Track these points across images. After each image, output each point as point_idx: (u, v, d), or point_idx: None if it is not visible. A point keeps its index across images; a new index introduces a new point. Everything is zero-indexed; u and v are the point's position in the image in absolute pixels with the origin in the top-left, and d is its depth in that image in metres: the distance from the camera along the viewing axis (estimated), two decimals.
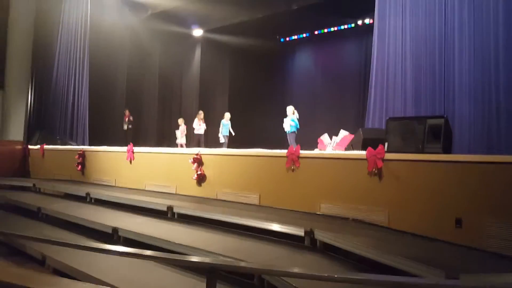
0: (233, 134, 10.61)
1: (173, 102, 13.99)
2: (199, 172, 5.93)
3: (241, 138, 10.90)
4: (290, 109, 9.22)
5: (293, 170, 4.95)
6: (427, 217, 3.72)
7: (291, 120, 8.70)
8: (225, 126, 10.69)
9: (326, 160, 4.75)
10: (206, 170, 5.94)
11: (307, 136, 9.80)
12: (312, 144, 8.25)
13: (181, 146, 11.25)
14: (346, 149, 6.28)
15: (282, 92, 13.82)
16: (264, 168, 5.30)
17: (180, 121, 11.78)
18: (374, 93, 6.38)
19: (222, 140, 10.76)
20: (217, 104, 13.63)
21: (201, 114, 11.25)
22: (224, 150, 6.15)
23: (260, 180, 5.31)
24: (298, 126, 9.24)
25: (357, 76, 12.00)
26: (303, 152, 4.97)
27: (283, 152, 5.14)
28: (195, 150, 6.29)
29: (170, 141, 11.96)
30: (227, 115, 10.88)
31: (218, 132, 10.77)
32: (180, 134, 11.52)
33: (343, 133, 7.35)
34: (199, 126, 10.98)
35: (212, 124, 11.82)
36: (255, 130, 12.44)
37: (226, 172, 5.74)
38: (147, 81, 13.12)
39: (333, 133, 7.94)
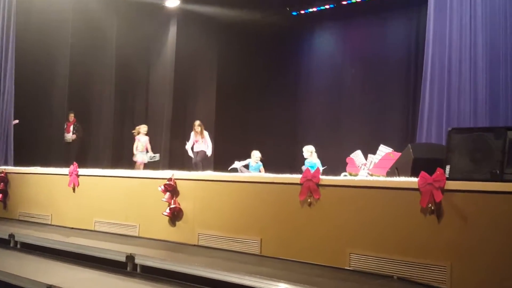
0: (208, 154, 10.73)
1: (137, 101, 14.06)
2: (172, 206, 5.96)
3: (234, 154, 10.94)
4: (308, 150, 9.22)
5: (310, 204, 4.97)
6: (509, 276, 3.70)
7: (309, 166, 8.65)
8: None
9: (358, 189, 4.76)
10: (183, 202, 5.97)
11: (331, 153, 9.82)
12: (338, 165, 8.25)
13: (139, 165, 11.27)
14: (388, 173, 6.28)
15: (293, 87, 13.88)
16: (268, 201, 5.31)
17: (143, 128, 11.80)
18: (430, 91, 6.37)
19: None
20: (199, 103, 13.71)
21: (198, 125, 11.19)
22: (210, 174, 6.17)
23: (262, 218, 5.33)
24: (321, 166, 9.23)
25: (404, 66, 12.00)
26: (325, 178, 4.98)
27: (296, 177, 5.10)
28: (166, 173, 6.35)
29: (132, 162, 12.12)
30: (196, 124, 11.02)
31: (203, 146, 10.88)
32: (140, 148, 11.53)
33: (383, 149, 7.36)
34: (199, 144, 10.93)
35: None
36: (254, 143, 12.48)
37: (212, 205, 5.76)
38: (99, 73, 13.21)
39: (368, 149, 7.95)
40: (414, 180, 4.40)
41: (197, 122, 11.05)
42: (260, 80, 14.00)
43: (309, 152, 9.13)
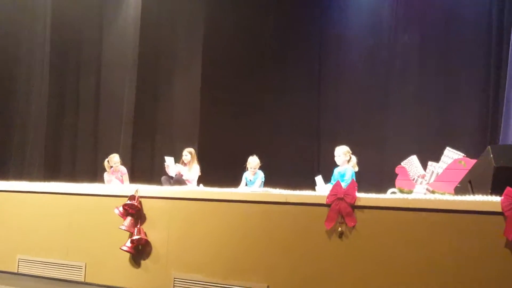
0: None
1: (82, 82, 13.84)
2: (136, 237, 5.98)
3: (224, 161, 11.01)
4: (343, 152, 8.96)
5: (341, 234, 5.07)
6: None
7: (341, 179, 8.54)
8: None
9: (414, 213, 4.78)
10: (152, 231, 6.01)
11: (371, 159, 9.77)
12: (383, 177, 8.23)
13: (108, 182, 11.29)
14: (457, 190, 6.24)
15: (314, 63, 13.65)
16: (278, 230, 5.36)
17: (113, 160, 11.83)
18: None
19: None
20: (176, 87, 13.56)
21: (187, 154, 11.23)
22: (191, 190, 6.20)
23: (269, 255, 5.36)
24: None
25: (482, 32, 11.89)
26: (364, 197, 5.03)
27: (319, 196, 5.22)
28: (127, 188, 6.40)
29: (76, 171, 12.00)
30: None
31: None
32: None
33: (450, 155, 7.34)
34: (184, 175, 10.97)
35: (170, 142, 12.55)
36: (254, 144, 12.37)
37: (195, 236, 5.80)
38: (27, 53, 13.33)
39: (429, 154, 7.91)
40: (496, 199, 4.40)
41: (187, 150, 11.03)
42: (265, 52, 13.89)
43: (345, 156, 8.89)
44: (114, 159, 11.05)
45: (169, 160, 10.44)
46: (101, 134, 13.16)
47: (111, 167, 10.80)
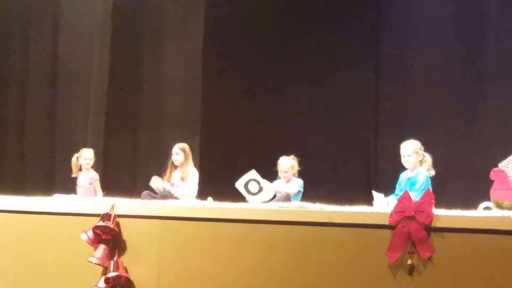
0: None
1: (31, 67, 14.12)
2: (112, 273, 5.97)
3: (242, 165, 10.95)
4: (410, 150, 8.92)
5: (411, 269, 5.08)
6: None
7: (410, 188, 8.50)
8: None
9: None
10: (136, 266, 6.03)
11: (453, 159, 9.78)
12: (471, 184, 8.22)
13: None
14: None
15: (363, 27, 13.85)
16: (318, 263, 5.37)
17: (84, 156, 11.88)
18: None
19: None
20: (167, 68, 13.63)
21: (178, 152, 11.27)
22: (192, 207, 6.20)
23: None
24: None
25: None
26: (445, 214, 5.03)
27: (378, 214, 5.25)
28: (99, 203, 6.45)
29: (26, 181, 12.27)
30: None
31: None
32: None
33: None
34: (176, 186, 11.01)
35: (159, 138, 12.58)
36: (285, 144, 12.41)
37: (196, 273, 5.80)
38: None
39: None
40: None
41: (179, 147, 10.94)
42: (300, 8, 13.98)
43: (417, 155, 8.83)
44: (86, 154, 11.07)
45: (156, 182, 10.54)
46: (60, 129, 13.17)
47: (80, 167, 10.87)
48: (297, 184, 9.25)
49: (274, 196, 8.97)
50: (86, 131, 12.77)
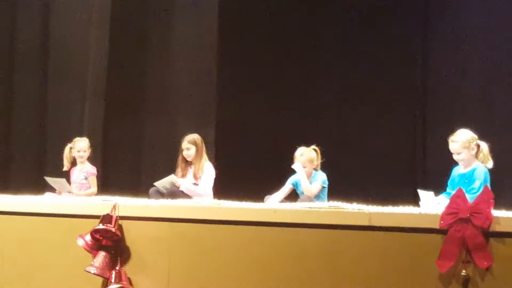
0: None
1: (20, 44, 14.17)
2: (115, 286, 5.85)
3: (263, 159, 11.22)
4: (463, 141, 9.01)
5: (465, 281, 5.21)
6: None
7: (465, 186, 8.54)
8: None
9: None
10: (142, 276, 5.95)
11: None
12: None
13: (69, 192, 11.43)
14: None
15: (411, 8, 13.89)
16: (354, 273, 5.44)
17: (78, 147, 11.96)
18: None
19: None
20: (177, 47, 13.65)
21: (187, 145, 11.31)
22: (207, 207, 6.21)
23: None
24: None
25: None
26: (507, 216, 4.95)
27: (426, 215, 5.24)
28: (99, 202, 6.39)
29: (11, 176, 12.45)
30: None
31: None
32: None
33: None
34: (188, 180, 11.07)
35: (170, 125, 12.65)
36: (311, 133, 12.39)
37: (213, 283, 5.77)
38: None
39: None
40: None
41: (189, 140, 10.96)
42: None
43: (470, 147, 8.87)
44: (80, 144, 11.07)
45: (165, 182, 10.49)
46: (52, 115, 13.23)
47: (73, 158, 10.90)
48: (319, 180, 9.19)
49: None
50: (82, 117, 12.79)
